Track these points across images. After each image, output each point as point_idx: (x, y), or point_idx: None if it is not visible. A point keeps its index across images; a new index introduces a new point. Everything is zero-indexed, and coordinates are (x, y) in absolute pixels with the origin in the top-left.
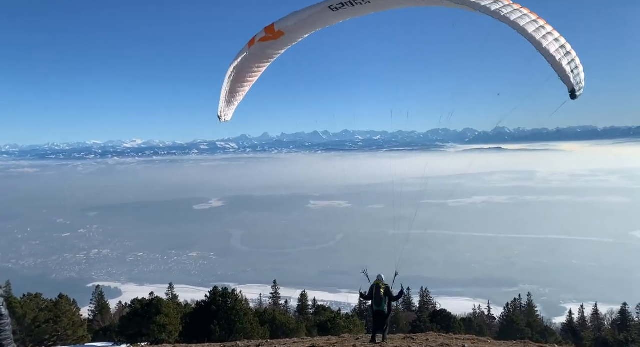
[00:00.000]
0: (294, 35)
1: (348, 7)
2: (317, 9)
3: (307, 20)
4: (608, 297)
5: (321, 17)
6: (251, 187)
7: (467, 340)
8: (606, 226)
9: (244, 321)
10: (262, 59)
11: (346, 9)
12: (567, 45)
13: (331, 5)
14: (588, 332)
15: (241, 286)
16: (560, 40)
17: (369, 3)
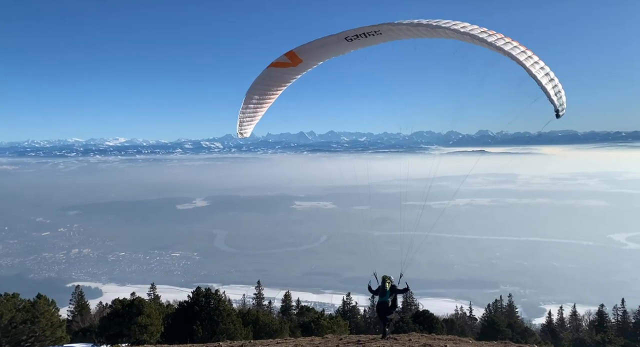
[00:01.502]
0: (311, 63)
1: (361, 38)
2: (334, 39)
3: (324, 49)
4: (586, 298)
5: (337, 47)
6: (236, 188)
7: (449, 340)
8: (585, 228)
9: (227, 321)
10: (280, 83)
11: (359, 40)
12: (551, 72)
13: (347, 37)
14: (567, 333)
15: (225, 286)
16: (546, 68)
17: (380, 34)
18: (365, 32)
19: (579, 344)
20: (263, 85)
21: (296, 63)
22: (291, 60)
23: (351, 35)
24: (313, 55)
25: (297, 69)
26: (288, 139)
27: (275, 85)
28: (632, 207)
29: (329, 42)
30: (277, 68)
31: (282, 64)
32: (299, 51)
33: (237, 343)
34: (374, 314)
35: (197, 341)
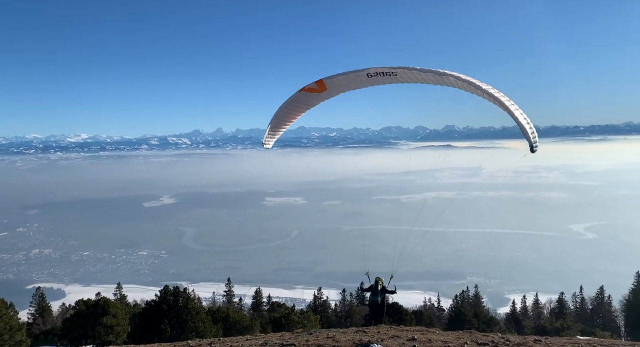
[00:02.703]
0: (334, 91)
1: (380, 76)
2: (358, 74)
3: (348, 81)
4: (547, 287)
5: (359, 81)
6: (205, 184)
7: (416, 331)
8: (546, 220)
9: (196, 319)
10: (305, 105)
11: (378, 77)
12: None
13: (369, 73)
14: (529, 320)
15: (194, 284)
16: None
17: (395, 75)
18: (385, 71)
19: (540, 331)
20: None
21: (322, 90)
22: (318, 87)
23: (372, 72)
24: (337, 85)
25: (321, 96)
26: (258, 135)
27: (302, 107)
28: (589, 199)
29: (353, 75)
30: (307, 93)
31: (311, 89)
32: (326, 80)
33: (207, 341)
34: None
35: (165, 340)
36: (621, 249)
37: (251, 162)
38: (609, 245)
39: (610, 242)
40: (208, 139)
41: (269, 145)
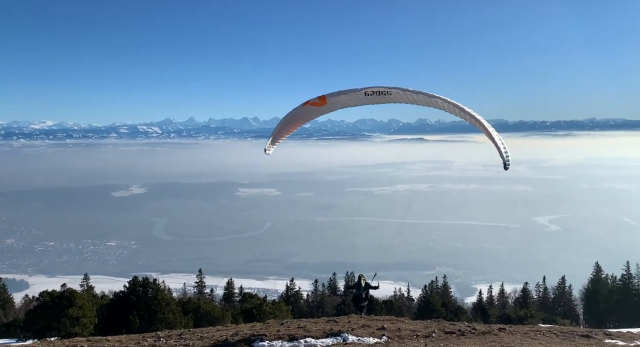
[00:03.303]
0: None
1: (376, 95)
2: (357, 92)
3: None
4: (513, 277)
5: (357, 99)
6: (176, 174)
7: (386, 321)
8: (513, 212)
9: (166, 310)
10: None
11: (375, 96)
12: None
13: (366, 92)
14: (495, 309)
15: (164, 275)
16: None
17: (390, 95)
18: (380, 91)
19: (505, 320)
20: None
21: (322, 104)
22: (320, 101)
23: (369, 91)
24: (337, 101)
25: (321, 109)
26: (231, 125)
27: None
28: (554, 192)
29: (352, 94)
30: (310, 106)
31: (314, 103)
32: (328, 97)
33: (177, 332)
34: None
35: (134, 331)
36: (582, 241)
37: (224, 153)
38: (571, 237)
39: (572, 234)
40: (180, 129)
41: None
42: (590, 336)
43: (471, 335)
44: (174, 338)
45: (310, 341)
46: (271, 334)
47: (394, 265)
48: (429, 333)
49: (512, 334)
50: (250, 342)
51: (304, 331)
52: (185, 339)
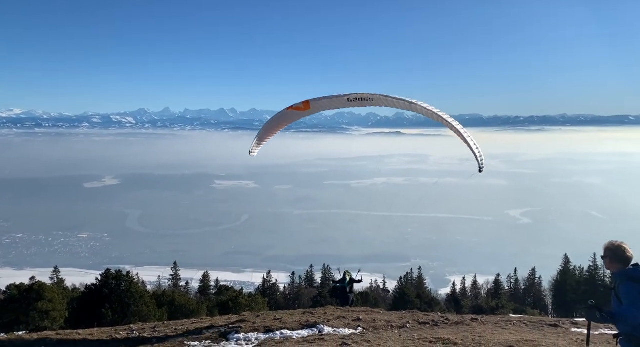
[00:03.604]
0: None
1: (359, 101)
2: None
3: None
4: (485, 269)
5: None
6: (151, 165)
7: (362, 312)
8: (486, 205)
9: (140, 303)
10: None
11: (357, 101)
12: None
13: (349, 98)
14: (467, 300)
15: (138, 268)
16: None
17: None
18: (363, 97)
19: (477, 310)
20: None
21: (305, 109)
22: (304, 106)
23: (352, 97)
24: (320, 105)
25: (304, 113)
26: (208, 116)
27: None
28: (526, 186)
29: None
30: (293, 110)
31: (297, 108)
32: (312, 102)
33: (150, 325)
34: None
35: (106, 324)
36: (552, 233)
37: (200, 144)
38: (541, 229)
39: (542, 226)
40: (154, 119)
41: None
42: (558, 325)
43: (444, 325)
44: (147, 331)
45: (286, 332)
46: (247, 326)
47: (370, 257)
48: (403, 324)
49: (484, 324)
50: (225, 334)
51: (280, 322)
52: (159, 331)
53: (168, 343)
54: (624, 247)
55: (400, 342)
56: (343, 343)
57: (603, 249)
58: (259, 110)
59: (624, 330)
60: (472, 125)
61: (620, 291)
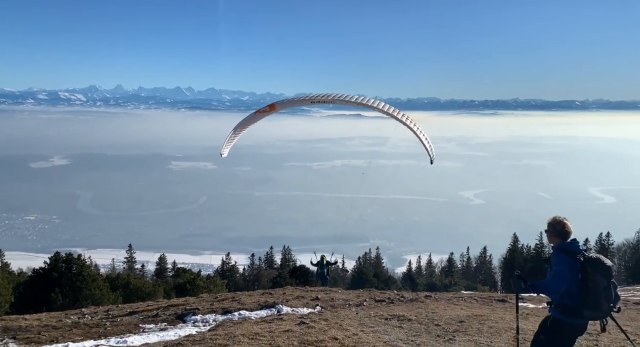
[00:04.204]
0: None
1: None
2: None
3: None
4: (440, 248)
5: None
6: (103, 145)
7: (320, 291)
8: (441, 187)
9: (92, 287)
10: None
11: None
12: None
13: (313, 100)
14: (422, 278)
15: (91, 251)
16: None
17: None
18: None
19: (431, 288)
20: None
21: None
22: (269, 108)
23: (315, 99)
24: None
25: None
26: (163, 94)
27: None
28: (479, 168)
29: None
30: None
31: (264, 111)
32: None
33: (103, 308)
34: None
35: (55, 309)
36: (502, 214)
37: (156, 124)
38: (492, 210)
39: (494, 207)
40: (106, 96)
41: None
42: (506, 301)
43: (399, 302)
44: (100, 314)
45: (244, 313)
46: (204, 307)
47: (330, 238)
48: (360, 302)
49: (437, 300)
50: (182, 316)
51: (239, 303)
52: (112, 315)
53: (122, 326)
54: (564, 222)
55: (357, 319)
56: (301, 322)
57: (546, 224)
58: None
59: (552, 298)
60: (430, 109)
61: (552, 262)
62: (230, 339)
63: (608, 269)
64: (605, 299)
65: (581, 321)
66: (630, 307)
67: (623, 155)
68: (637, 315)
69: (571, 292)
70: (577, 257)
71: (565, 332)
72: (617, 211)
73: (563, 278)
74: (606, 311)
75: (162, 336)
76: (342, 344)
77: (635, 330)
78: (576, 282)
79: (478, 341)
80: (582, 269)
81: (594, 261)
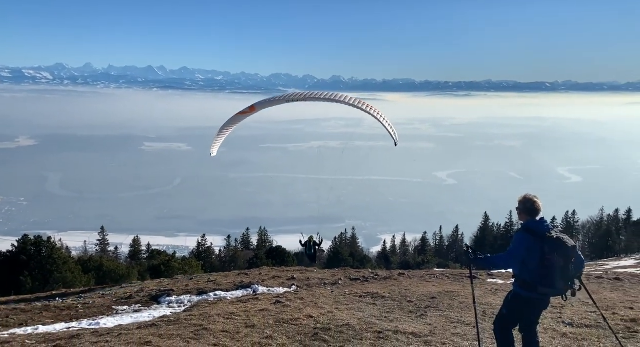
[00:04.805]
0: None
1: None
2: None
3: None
4: (413, 227)
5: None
6: (72, 125)
7: (296, 271)
8: (416, 168)
9: (63, 269)
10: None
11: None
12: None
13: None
14: (396, 257)
15: (62, 233)
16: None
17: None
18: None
19: (405, 266)
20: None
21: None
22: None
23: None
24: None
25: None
26: (134, 73)
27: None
28: (452, 149)
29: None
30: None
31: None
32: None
33: (75, 291)
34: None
35: (25, 292)
36: (474, 194)
37: (127, 104)
38: (465, 190)
39: (466, 187)
40: (74, 75)
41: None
42: (476, 277)
43: (374, 280)
44: (71, 297)
45: (220, 293)
46: (179, 289)
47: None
48: (335, 281)
49: (410, 278)
50: (156, 297)
51: (214, 284)
52: (84, 297)
53: (94, 308)
54: (534, 200)
55: (332, 297)
56: (277, 301)
57: (517, 202)
58: (190, 69)
59: (514, 273)
60: (405, 90)
61: (513, 238)
62: (205, 319)
63: (566, 249)
64: (561, 278)
65: (538, 296)
66: (593, 281)
67: (589, 136)
68: (599, 288)
69: (530, 269)
70: (539, 235)
71: (524, 306)
72: (582, 190)
73: (513, 256)
74: (561, 288)
75: (136, 317)
76: (317, 321)
77: (597, 302)
78: (535, 260)
79: (449, 316)
80: (541, 247)
81: (554, 241)
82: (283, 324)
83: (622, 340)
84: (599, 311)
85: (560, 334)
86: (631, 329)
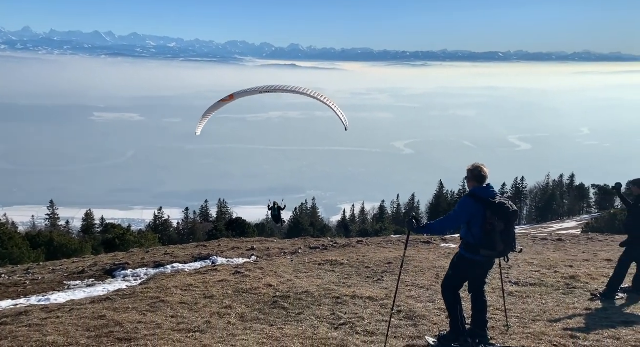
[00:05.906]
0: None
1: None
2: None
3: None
4: (372, 196)
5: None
6: (12, 94)
7: (256, 242)
8: (374, 138)
9: (9, 245)
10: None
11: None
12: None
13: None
14: (355, 225)
15: (6, 208)
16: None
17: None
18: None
19: (363, 233)
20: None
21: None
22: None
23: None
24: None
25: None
26: (80, 39)
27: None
28: (410, 119)
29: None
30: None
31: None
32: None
33: (23, 267)
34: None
35: None
36: (430, 162)
37: (73, 71)
38: (421, 159)
39: (422, 156)
40: (12, 39)
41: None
42: (431, 242)
43: (333, 248)
44: (19, 273)
45: (177, 266)
46: (135, 262)
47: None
48: (295, 250)
49: (368, 245)
50: (110, 271)
51: (171, 257)
52: (33, 273)
53: (44, 284)
54: (481, 167)
55: (292, 266)
56: (236, 272)
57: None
58: (140, 35)
59: (461, 236)
60: (364, 60)
61: (457, 202)
62: (162, 291)
63: (507, 214)
64: (502, 241)
65: (480, 258)
66: (538, 243)
67: (538, 105)
68: (543, 249)
69: (473, 232)
70: (483, 201)
71: (469, 267)
72: (531, 157)
73: (452, 220)
74: (502, 251)
75: (90, 292)
76: (277, 290)
77: (541, 262)
78: (478, 224)
79: (404, 279)
80: (483, 212)
81: (496, 206)
82: (242, 293)
83: (561, 296)
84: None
85: (507, 293)
86: (570, 285)
